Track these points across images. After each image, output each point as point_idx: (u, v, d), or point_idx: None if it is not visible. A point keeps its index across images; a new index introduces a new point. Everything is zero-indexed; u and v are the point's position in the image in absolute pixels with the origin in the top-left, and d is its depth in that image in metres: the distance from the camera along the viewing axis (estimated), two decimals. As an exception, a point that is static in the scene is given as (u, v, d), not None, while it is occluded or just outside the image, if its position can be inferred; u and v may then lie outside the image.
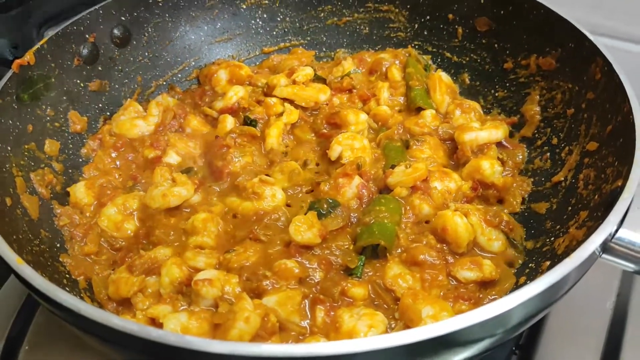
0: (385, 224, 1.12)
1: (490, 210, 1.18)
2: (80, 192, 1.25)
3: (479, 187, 1.23)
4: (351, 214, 1.18)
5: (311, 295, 1.03)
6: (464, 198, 1.23)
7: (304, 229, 1.10)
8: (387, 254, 1.11)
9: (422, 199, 1.19)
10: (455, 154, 1.32)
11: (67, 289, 1.05)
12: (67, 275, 1.10)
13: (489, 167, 1.24)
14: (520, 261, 1.15)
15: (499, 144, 1.34)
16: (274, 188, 1.23)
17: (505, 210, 1.24)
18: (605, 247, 0.90)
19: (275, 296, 1.00)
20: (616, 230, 0.90)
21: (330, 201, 1.18)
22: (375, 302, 1.05)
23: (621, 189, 0.94)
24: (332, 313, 1.00)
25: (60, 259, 1.12)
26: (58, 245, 1.15)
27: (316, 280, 1.06)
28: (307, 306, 1.02)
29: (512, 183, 1.27)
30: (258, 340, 0.92)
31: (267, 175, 1.27)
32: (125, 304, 1.06)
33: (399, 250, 1.12)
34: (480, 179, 1.24)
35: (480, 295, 1.07)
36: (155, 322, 0.97)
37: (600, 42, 1.21)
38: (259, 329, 0.91)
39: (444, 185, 1.22)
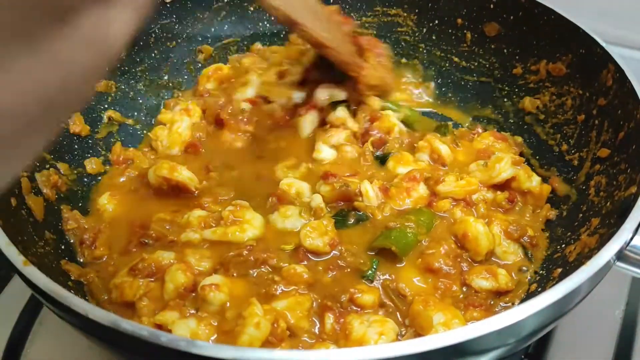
0: (406, 234, 1.09)
1: (515, 222, 1.15)
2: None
3: (517, 198, 1.20)
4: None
5: (319, 301, 1.01)
6: (500, 210, 1.20)
7: (315, 235, 1.09)
8: (403, 259, 1.09)
9: (465, 212, 1.16)
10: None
11: (72, 291, 1.03)
12: (72, 277, 1.08)
13: (524, 174, 1.21)
14: (532, 270, 1.13)
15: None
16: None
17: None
18: (620, 255, 0.89)
19: (285, 301, 0.98)
20: (631, 238, 0.89)
21: (360, 214, 1.15)
22: (389, 310, 1.03)
23: (635, 196, 0.93)
24: (342, 320, 0.98)
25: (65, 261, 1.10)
26: (62, 247, 1.14)
27: (325, 285, 1.04)
28: (315, 312, 1.01)
29: (549, 190, 1.23)
30: (268, 346, 0.90)
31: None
32: (126, 309, 1.03)
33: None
34: (516, 187, 1.21)
35: (492, 302, 1.05)
36: (162, 328, 0.95)
37: (611, 49, 1.20)
38: (268, 334, 0.90)
39: (482, 195, 1.20)
